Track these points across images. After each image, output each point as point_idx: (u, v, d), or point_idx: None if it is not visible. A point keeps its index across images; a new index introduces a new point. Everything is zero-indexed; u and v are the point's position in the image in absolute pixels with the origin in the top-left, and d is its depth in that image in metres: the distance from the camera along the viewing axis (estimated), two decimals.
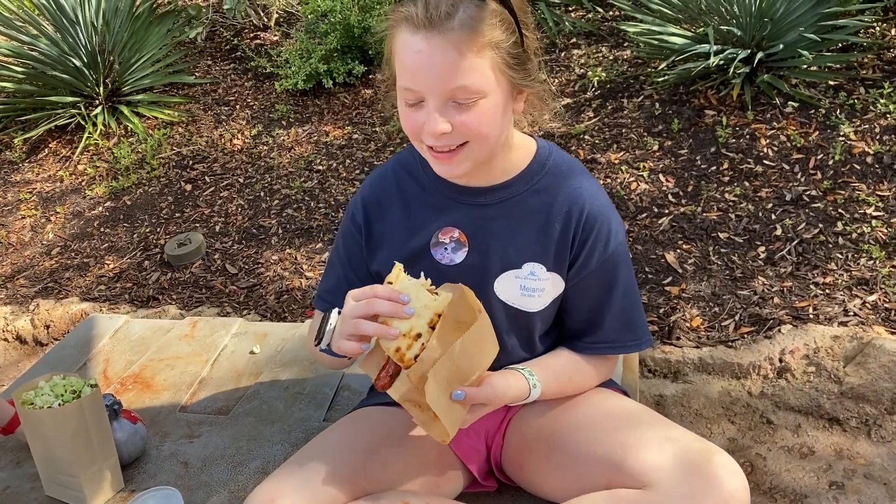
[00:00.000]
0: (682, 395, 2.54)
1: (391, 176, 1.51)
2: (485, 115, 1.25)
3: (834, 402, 2.39)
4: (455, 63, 1.19)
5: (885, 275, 2.67)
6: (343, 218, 1.58)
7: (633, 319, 1.51)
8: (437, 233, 1.44)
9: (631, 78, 4.05)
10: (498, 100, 1.26)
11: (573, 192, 1.42)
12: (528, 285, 1.44)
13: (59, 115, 4.71)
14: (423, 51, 1.19)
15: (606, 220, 1.43)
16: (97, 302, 3.46)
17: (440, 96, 1.22)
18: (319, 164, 4.12)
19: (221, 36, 5.59)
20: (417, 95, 1.24)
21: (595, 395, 1.51)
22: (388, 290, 1.22)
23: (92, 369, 2.22)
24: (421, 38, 1.19)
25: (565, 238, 1.42)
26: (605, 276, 1.46)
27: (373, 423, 1.49)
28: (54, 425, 1.65)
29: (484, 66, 1.21)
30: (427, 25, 1.18)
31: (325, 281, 1.60)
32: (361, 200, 1.51)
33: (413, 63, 1.21)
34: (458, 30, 1.18)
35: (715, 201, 3.19)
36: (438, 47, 1.18)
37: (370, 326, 1.20)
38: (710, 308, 2.74)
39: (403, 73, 1.24)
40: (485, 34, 1.19)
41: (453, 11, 1.18)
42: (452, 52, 1.18)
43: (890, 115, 3.28)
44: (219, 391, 2.06)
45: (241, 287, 3.39)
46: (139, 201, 4.17)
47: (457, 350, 1.21)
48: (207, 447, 1.85)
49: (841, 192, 3.05)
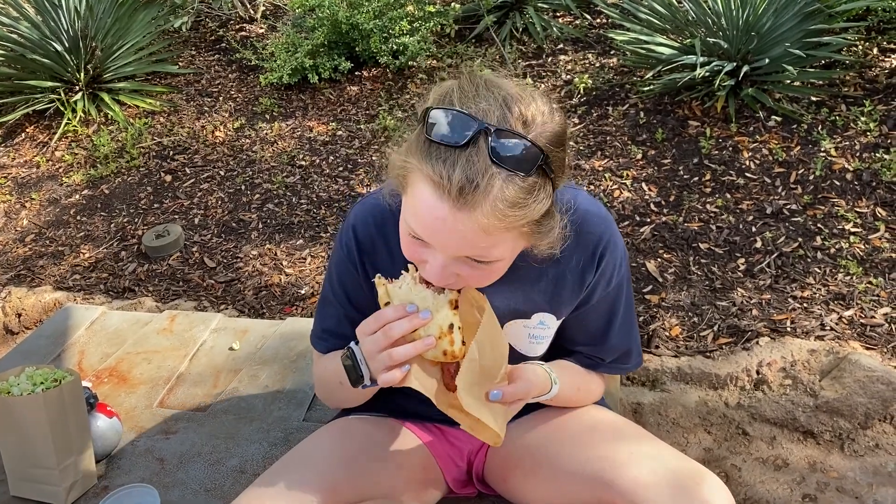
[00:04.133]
0: (659, 403, 2.55)
1: (386, 210, 1.33)
2: (496, 271, 1.15)
3: (809, 415, 2.41)
4: (478, 241, 1.05)
5: (861, 290, 2.71)
6: (334, 248, 1.45)
7: (631, 346, 1.48)
8: None
9: (617, 86, 4.07)
10: (511, 256, 1.16)
11: (583, 239, 1.31)
12: (537, 333, 1.39)
13: (38, 100, 4.63)
14: (445, 220, 1.03)
15: (614, 257, 1.35)
16: (71, 291, 3.41)
17: (452, 256, 1.10)
18: (302, 160, 4.09)
19: (207, 26, 5.53)
20: (426, 243, 1.11)
21: (578, 410, 1.50)
22: (394, 311, 1.15)
23: (66, 360, 2.18)
24: (447, 208, 1.02)
25: (580, 285, 1.36)
26: (606, 308, 1.41)
27: (354, 433, 1.47)
28: (34, 412, 1.61)
29: (508, 239, 1.09)
30: (457, 198, 1.01)
31: (323, 320, 1.47)
32: (353, 232, 1.38)
33: (431, 223, 1.06)
34: (490, 213, 1.01)
35: (696, 212, 3.21)
36: (463, 223, 1.03)
37: (405, 350, 1.13)
38: (689, 318, 2.76)
39: (416, 220, 1.08)
40: (518, 215, 1.04)
41: (489, 188, 1.00)
42: (478, 233, 1.03)
43: (870, 133, 3.32)
44: (197, 387, 2.03)
45: (218, 281, 3.35)
46: (117, 190, 4.11)
47: (475, 352, 1.17)
48: (184, 444, 1.82)
49: (821, 207, 3.09)
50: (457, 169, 1.00)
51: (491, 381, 1.22)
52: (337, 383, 1.36)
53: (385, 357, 1.14)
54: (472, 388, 1.18)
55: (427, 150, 1.03)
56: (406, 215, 1.11)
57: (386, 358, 1.14)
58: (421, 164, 1.04)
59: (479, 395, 1.19)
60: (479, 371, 1.19)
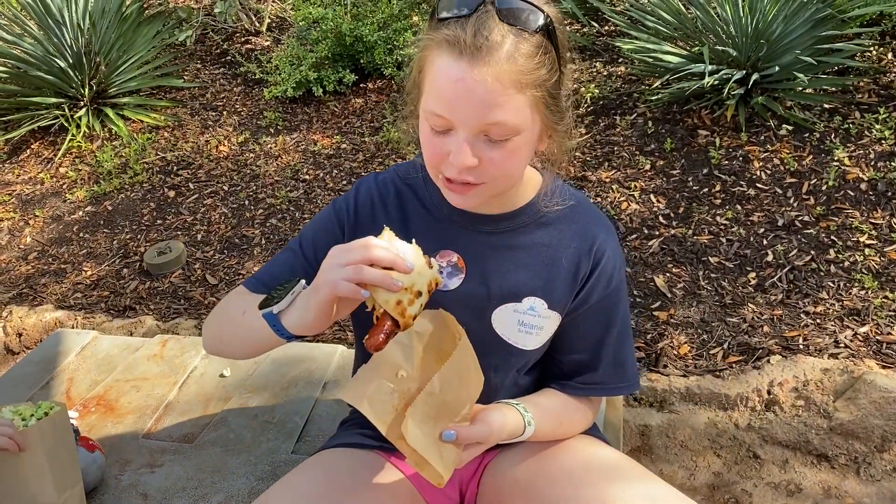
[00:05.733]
0: (667, 425, 2.47)
1: (391, 184, 1.42)
2: (514, 155, 1.16)
3: (823, 437, 2.32)
4: (496, 97, 1.08)
5: (877, 305, 2.61)
6: (324, 210, 1.45)
7: (626, 360, 1.44)
8: (436, 254, 1.36)
9: (624, 95, 3.99)
10: (529, 139, 1.17)
11: (582, 227, 1.36)
12: (527, 321, 1.36)
13: (42, 116, 4.62)
14: (464, 79, 1.08)
15: (613, 257, 1.37)
16: (72, 310, 3.37)
17: (473, 129, 1.11)
18: (306, 174, 4.05)
19: (212, 40, 5.51)
20: (447, 124, 1.13)
21: (573, 443, 1.43)
22: (384, 243, 1.12)
23: (55, 388, 2.13)
24: (464, 65, 1.08)
25: (575, 275, 1.36)
26: (604, 314, 1.39)
27: (338, 468, 1.41)
28: (31, 446, 1.55)
29: (523, 103, 1.11)
30: (473, 52, 1.07)
31: (273, 265, 1.43)
32: (355, 199, 1.41)
33: (450, 91, 1.10)
34: (505, 62, 1.08)
35: (706, 224, 3.13)
36: (481, 78, 1.07)
37: (374, 272, 1.08)
38: (698, 335, 2.68)
39: (436, 98, 1.12)
40: (530, 70, 1.10)
41: (502, 41, 1.08)
42: (495, 86, 1.08)
43: (885, 141, 3.22)
44: (185, 417, 1.97)
45: (220, 298, 3.30)
46: (120, 207, 4.08)
47: (436, 384, 1.12)
48: (169, 478, 1.76)
49: (834, 219, 2.99)
50: (468, 28, 1.08)
51: (450, 418, 1.16)
52: (239, 313, 1.30)
53: (351, 268, 1.08)
54: (426, 422, 1.12)
55: (438, 25, 1.12)
56: (426, 103, 1.15)
57: (351, 270, 1.08)
58: (435, 33, 1.12)
59: (430, 432, 1.13)
60: (437, 406, 1.13)
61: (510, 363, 1.40)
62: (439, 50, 1.11)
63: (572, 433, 1.45)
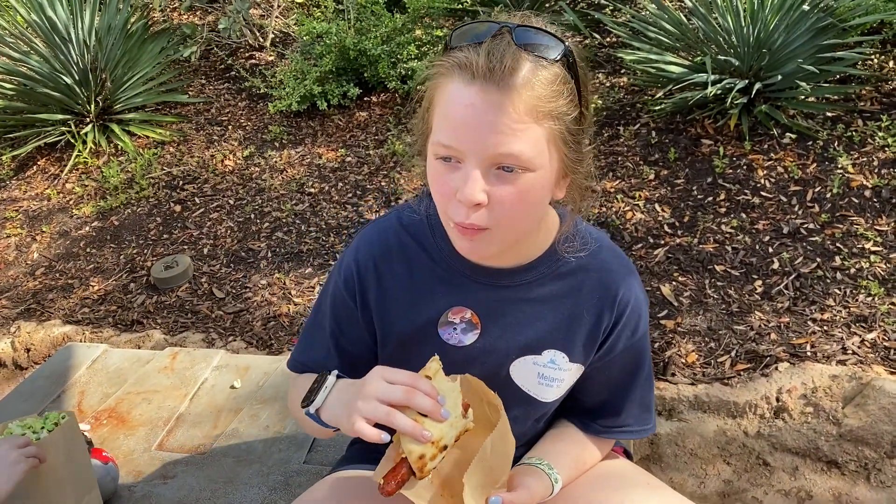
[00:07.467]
0: (676, 434, 2.47)
1: (393, 236, 1.31)
2: (527, 195, 1.06)
3: (832, 444, 2.32)
4: (510, 125, 1.00)
5: (884, 312, 2.62)
6: (331, 276, 1.37)
7: (651, 403, 1.41)
8: (448, 312, 1.28)
9: (627, 105, 4.02)
10: (544, 179, 1.07)
11: (604, 277, 1.27)
12: (547, 374, 1.30)
13: (49, 133, 4.65)
14: (475, 105, 1.00)
15: (637, 305, 1.29)
16: (80, 325, 3.38)
17: (484, 160, 1.02)
18: (311, 187, 4.07)
19: (216, 55, 5.55)
20: (456, 154, 1.04)
21: None
22: (430, 387, 1.07)
23: (66, 401, 2.14)
24: (476, 90, 1.00)
25: (597, 328, 1.28)
26: (631, 360, 1.34)
27: (349, 489, 1.37)
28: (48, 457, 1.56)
29: (540, 135, 1.02)
30: (486, 75, 0.99)
31: (310, 350, 1.39)
32: (355, 263, 1.31)
33: (460, 117, 1.01)
34: (521, 87, 0.99)
35: (711, 233, 3.14)
36: (494, 104, 0.99)
37: (405, 421, 1.04)
38: (705, 343, 2.68)
39: (445, 127, 1.04)
40: (548, 99, 1.02)
41: (518, 67, 1.00)
42: (509, 112, 0.99)
43: (888, 148, 3.24)
44: (196, 428, 1.98)
45: (227, 312, 3.32)
46: (127, 222, 4.10)
47: (488, 450, 1.09)
48: (182, 489, 1.77)
49: (839, 226, 3.00)
50: (481, 51, 1.01)
51: (494, 484, 1.14)
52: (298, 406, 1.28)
53: (383, 409, 1.05)
54: (477, 487, 1.10)
55: (450, 52, 1.05)
56: (436, 136, 1.07)
57: (383, 411, 1.05)
58: (447, 58, 1.04)
59: (480, 496, 1.11)
60: (487, 471, 1.11)
61: (529, 414, 1.36)
62: (449, 76, 1.04)
63: (589, 468, 1.43)
